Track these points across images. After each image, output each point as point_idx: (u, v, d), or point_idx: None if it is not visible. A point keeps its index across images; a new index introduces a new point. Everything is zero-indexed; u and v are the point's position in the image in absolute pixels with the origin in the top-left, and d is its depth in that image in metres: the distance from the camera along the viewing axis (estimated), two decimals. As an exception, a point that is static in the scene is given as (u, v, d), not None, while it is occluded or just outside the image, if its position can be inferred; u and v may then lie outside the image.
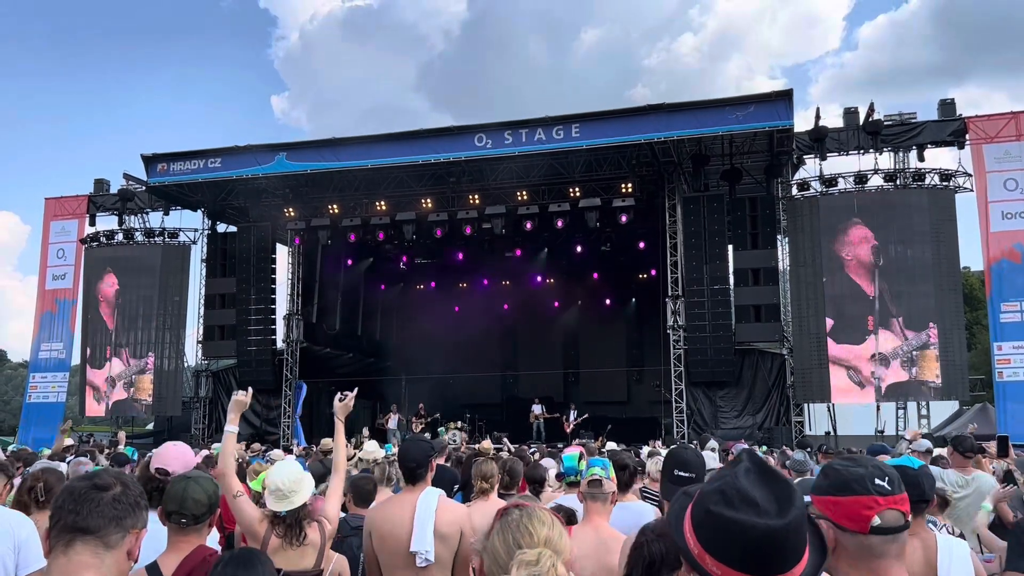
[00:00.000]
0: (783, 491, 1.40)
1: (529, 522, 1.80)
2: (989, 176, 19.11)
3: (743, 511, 1.37)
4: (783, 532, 1.36)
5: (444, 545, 3.98)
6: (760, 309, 20.43)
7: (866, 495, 1.87)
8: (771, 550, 1.36)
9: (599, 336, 29.14)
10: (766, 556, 1.36)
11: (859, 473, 1.90)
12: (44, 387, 24.89)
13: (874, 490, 1.87)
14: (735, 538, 1.37)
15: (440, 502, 4.10)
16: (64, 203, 25.78)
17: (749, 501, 1.38)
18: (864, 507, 1.86)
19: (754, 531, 1.35)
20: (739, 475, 1.44)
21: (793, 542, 1.38)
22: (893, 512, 1.87)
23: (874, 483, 1.88)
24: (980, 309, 30.21)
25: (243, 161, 21.67)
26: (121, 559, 2.03)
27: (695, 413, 20.44)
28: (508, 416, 27.11)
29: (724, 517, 1.38)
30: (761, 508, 1.37)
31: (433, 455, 4.37)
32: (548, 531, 1.79)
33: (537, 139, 19.53)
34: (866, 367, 19.13)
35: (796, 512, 1.38)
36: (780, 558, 1.37)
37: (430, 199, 22.19)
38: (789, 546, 1.37)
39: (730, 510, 1.38)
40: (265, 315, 23.88)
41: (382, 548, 4.10)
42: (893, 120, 20.06)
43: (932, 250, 19.01)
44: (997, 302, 18.94)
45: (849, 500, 1.89)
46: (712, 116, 18.75)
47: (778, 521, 1.36)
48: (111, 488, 2.06)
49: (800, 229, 20.17)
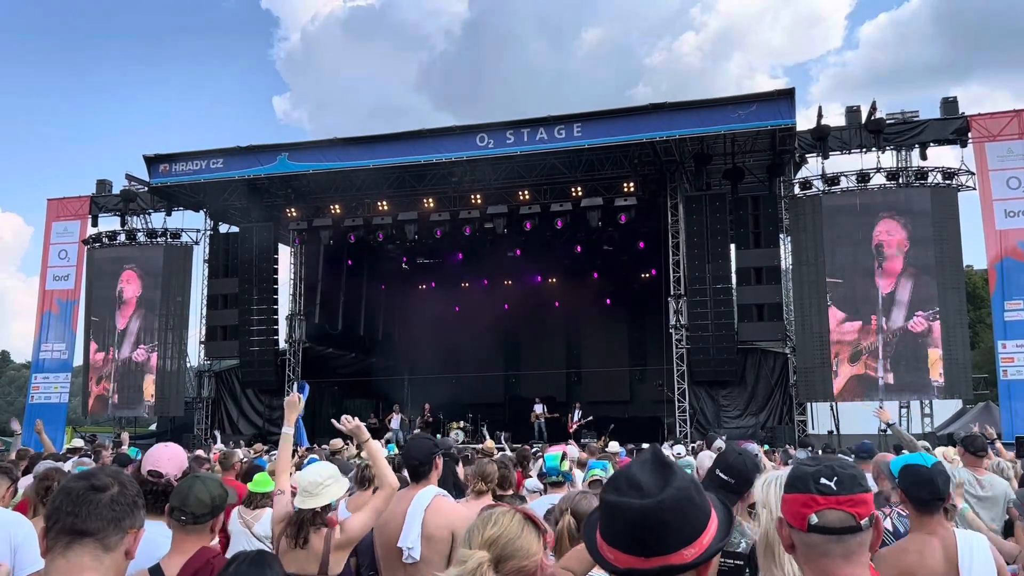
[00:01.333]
0: (666, 475, 1.46)
1: (482, 524, 1.82)
2: (992, 174, 19.08)
3: (626, 494, 1.43)
4: (655, 511, 1.40)
5: (430, 546, 3.95)
6: (763, 308, 20.41)
7: (805, 493, 1.86)
8: (647, 529, 1.41)
9: (601, 335, 29.10)
10: (642, 535, 1.41)
11: (805, 471, 1.90)
12: (46, 388, 24.91)
13: (815, 489, 1.85)
14: (617, 519, 1.44)
15: (433, 502, 4.08)
16: (66, 204, 25.81)
17: (634, 485, 1.44)
18: (802, 505, 1.86)
19: (629, 510, 1.41)
20: (633, 465, 1.51)
21: (671, 522, 1.42)
22: (836, 513, 1.84)
23: (818, 482, 1.86)
24: (983, 308, 30.18)
25: (245, 161, 21.70)
26: (120, 560, 2.03)
27: (698, 412, 20.42)
28: (510, 416, 27.08)
29: (608, 501, 1.46)
30: (644, 491, 1.43)
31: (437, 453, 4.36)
32: (498, 531, 1.79)
33: (539, 139, 19.53)
34: (869, 365, 19.10)
35: (670, 492, 1.43)
36: (658, 537, 1.41)
37: (432, 199, 22.18)
38: (667, 525, 1.42)
39: (615, 494, 1.45)
40: (267, 315, 23.88)
41: (380, 542, 4.17)
42: (895, 118, 20.01)
43: (935, 248, 18.98)
44: (1001, 300, 18.90)
45: (791, 497, 1.90)
46: (714, 115, 18.73)
47: (650, 500, 1.41)
48: (109, 488, 2.04)
49: (802, 228, 20.15)
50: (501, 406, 28.63)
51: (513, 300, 29.87)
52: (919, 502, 3.30)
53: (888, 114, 20.08)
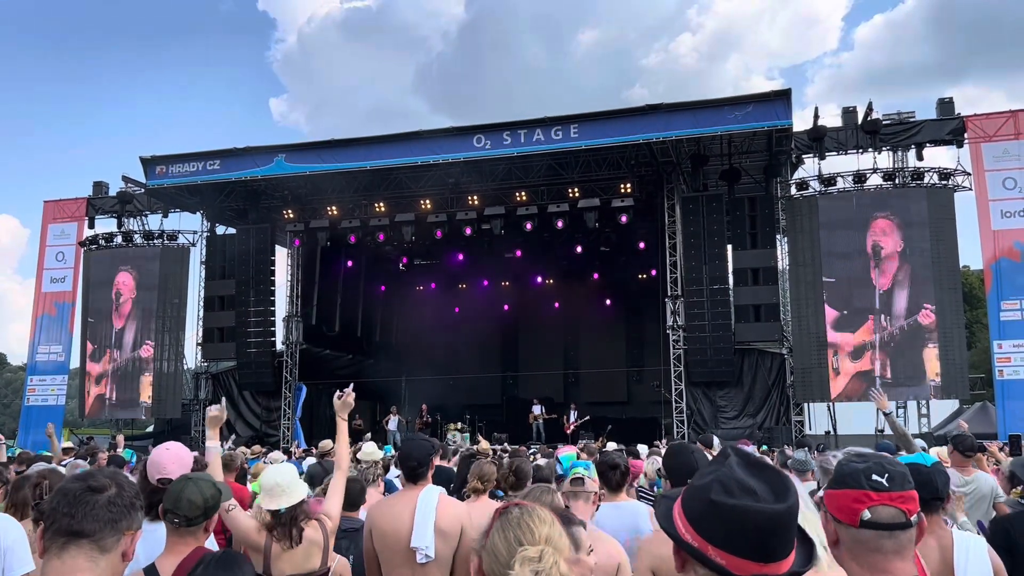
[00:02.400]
0: (777, 479, 1.45)
1: (530, 519, 1.80)
2: (988, 175, 19.10)
3: (743, 499, 1.41)
4: (785, 516, 1.40)
5: (444, 542, 3.98)
6: (759, 309, 20.40)
7: (858, 489, 1.88)
8: (773, 535, 1.40)
9: (599, 336, 29.11)
10: (769, 541, 1.40)
11: (856, 467, 1.92)
12: (43, 390, 24.87)
13: (868, 485, 1.88)
14: (739, 525, 1.40)
15: (441, 499, 4.11)
16: (63, 206, 25.77)
17: (747, 489, 1.42)
18: (855, 500, 1.87)
19: (759, 516, 1.39)
20: (733, 467, 1.48)
21: (792, 528, 1.43)
22: (888, 509, 1.87)
23: (870, 478, 1.89)
24: (980, 308, 30.22)
25: (242, 163, 21.67)
26: (116, 562, 2.02)
27: (695, 413, 20.42)
28: (508, 417, 27.10)
29: (727, 505, 1.42)
30: (759, 496, 1.41)
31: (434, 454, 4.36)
32: (549, 529, 1.79)
33: (536, 140, 19.52)
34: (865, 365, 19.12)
35: (793, 498, 1.43)
36: (781, 543, 1.41)
37: (429, 200, 22.16)
38: (788, 532, 1.42)
39: (732, 498, 1.42)
40: (264, 317, 23.84)
41: (383, 546, 4.11)
42: (891, 119, 20.04)
43: (931, 249, 19.00)
44: (997, 300, 18.93)
45: (841, 493, 1.91)
46: (711, 116, 18.74)
47: (780, 506, 1.40)
48: (106, 490, 2.03)
49: (799, 228, 20.16)
50: (499, 407, 28.63)
51: (511, 301, 29.89)
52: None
53: (884, 115, 20.13)
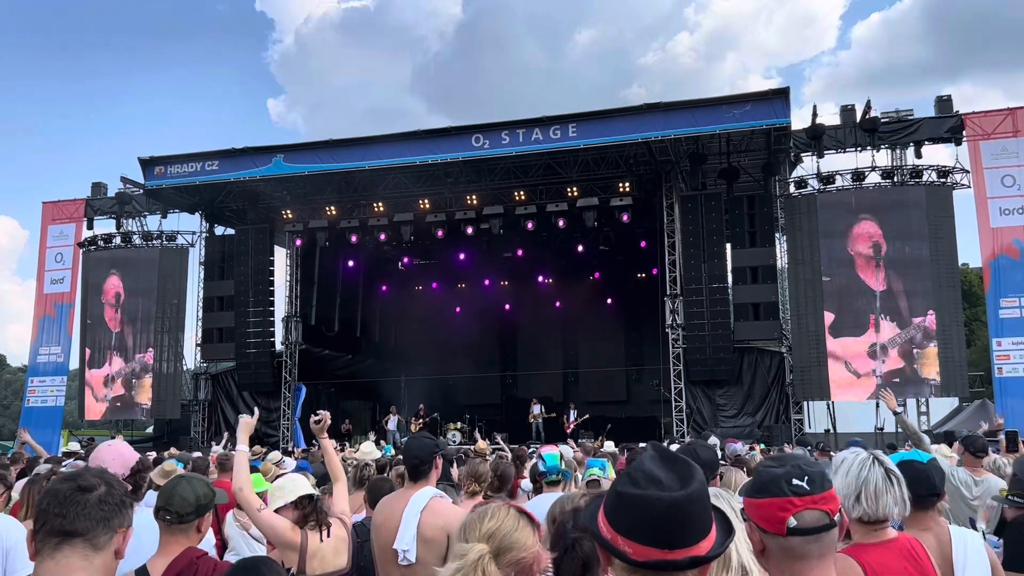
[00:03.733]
0: (684, 469, 1.47)
1: (479, 518, 1.81)
2: (987, 172, 19.10)
3: (648, 488, 1.44)
4: (684, 503, 1.42)
5: (428, 548, 3.91)
6: (759, 307, 20.42)
7: (781, 496, 1.84)
8: (675, 521, 1.42)
9: (598, 335, 29.11)
10: (670, 528, 1.42)
11: (776, 473, 1.87)
12: (43, 391, 24.86)
13: (790, 491, 1.84)
14: (642, 513, 1.43)
15: (430, 503, 4.02)
16: (62, 207, 25.75)
17: (653, 479, 1.45)
18: (779, 508, 1.83)
19: (659, 503, 1.42)
20: (645, 460, 1.51)
21: (697, 514, 1.44)
22: (813, 512, 1.84)
23: (791, 483, 1.85)
24: (979, 305, 30.23)
25: (240, 163, 21.67)
26: (109, 559, 2.03)
27: (694, 412, 20.43)
28: (507, 416, 27.11)
29: (630, 495, 1.45)
30: (664, 484, 1.44)
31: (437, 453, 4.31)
32: (495, 524, 1.79)
33: (534, 139, 19.53)
34: (865, 364, 19.13)
35: (696, 485, 1.45)
36: (685, 530, 1.43)
37: (428, 200, 22.16)
38: (693, 518, 1.43)
39: (636, 488, 1.45)
40: (264, 317, 23.85)
41: (377, 543, 4.12)
42: (890, 117, 20.03)
43: (930, 247, 19.00)
44: (996, 298, 18.93)
45: (765, 502, 1.87)
46: (709, 115, 18.75)
47: (680, 493, 1.42)
48: (95, 489, 2.04)
49: (798, 227, 20.15)
50: (498, 407, 28.64)
51: (510, 301, 29.91)
52: (915, 498, 3.29)
53: (883, 113, 20.11)
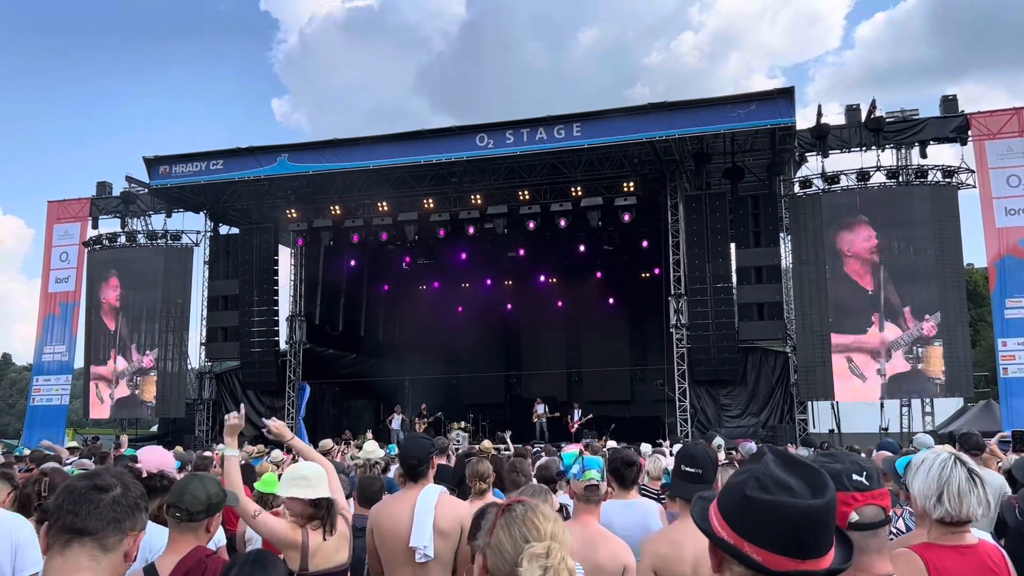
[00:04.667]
0: (814, 476, 1.44)
1: (535, 516, 1.80)
2: (992, 172, 19.07)
3: (779, 494, 1.40)
4: (822, 512, 1.39)
5: (444, 542, 3.98)
6: (763, 307, 20.40)
7: (844, 491, 1.85)
8: (810, 531, 1.39)
9: (602, 335, 29.08)
10: (806, 537, 1.39)
11: (836, 469, 1.89)
12: (47, 390, 24.93)
13: (851, 486, 1.87)
14: (775, 521, 1.39)
15: (441, 498, 4.10)
16: (67, 206, 25.82)
17: (784, 485, 1.41)
18: (842, 503, 1.83)
19: (795, 511, 1.38)
20: (769, 464, 1.47)
21: (830, 524, 1.41)
22: (872, 507, 1.87)
23: (851, 479, 1.88)
24: (984, 306, 30.15)
25: (245, 163, 21.68)
26: (117, 562, 2.02)
27: (698, 412, 20.39)
28: (511, 416, 27.06)
29: (762, 500, 1.41)
30: (796, 492, 1.40)
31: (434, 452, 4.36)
32: (553, 525, 1.79)
33: (539, 138, 19.51)
34: (870, 364, 19.09)
35: (831, 494, 1.42)
36: (818, 539, 1.40)
37: (432, 199, 22.15)
38: (826, 528, 1.41)
39: (768, 494, 1.41)
40: (268, 317, 23.87)
41: (382, 545, 4.12)
42: (895, 117, 19.99)
43: (935, 247, 18.96)
44: (1001, 298, 18.90)
45: None
46: (714, 114, 18.70)
47: (817, 501, 1.39)
48: (111, 489, 2.04)
49: (803, 227, 20.13)
50: (502, 406, 28.62)
51: (514, 300, 29.89)
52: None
53: (888, 112, 20.07)
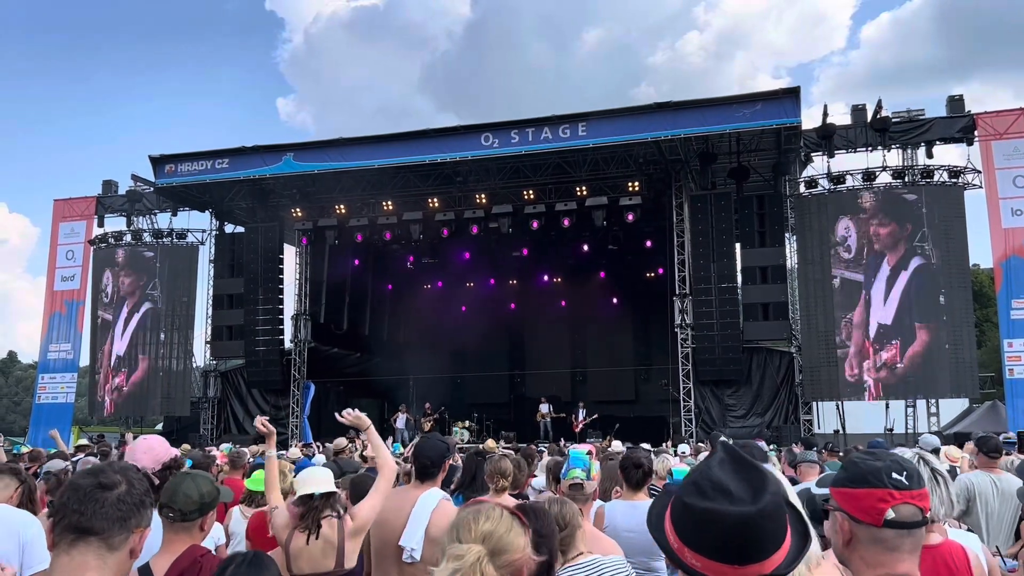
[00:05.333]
0: (756, 479, 1.41)
1: (473, 517, 1.79)
2: (998, 172, 19.01)
3: (716, 500, 1.38)
4: (756, 518, 1.36)
5: (433, 549, 3.90)
6: (768, 307, 20.36)
7: (881, 488, 1.86)
8: (745, 537, 1.36)
9: (606, 335, 29.06)
10: (740, 543, 1.36)
11: (876, 466, 1.89)
12: (53, 388, 24.99)
13: (890, 483, 1.86)
14: (709, 527, 1.38)
15: (440, 504, 4.06)
16: (72, 204, 25.87)
17: (722, 490, 1.39)
18: (879, 500, 1.85)
19: (728, 519, 1.36)
20: (712, 466, 1.45)
21: (769, 529, 1.38)
22: (909, 507, 1.86)
23: (891, 476, 1.87)
24: (990, 306, 30.05)
25: (250, 162, 21.72)
26: (123, 559, 2.02)
27: (703, 412, 20.37)
28: (516, 415, 27.08)
29: (698, 508, 1.39)
30: (734, 496, 1.37)
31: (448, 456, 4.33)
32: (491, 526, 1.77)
33: (543, 138, 19.50)
34: (875, 364, 19.04)
35: (769, 498, 1.38)
36: (755, 545, 1.37)
37: (437, 199, 22.16)
38: (764, 533, 1.37)
39: (703, 500, 1.39)
40: (273, 315, 23.90)
41: (375, 534, 4.11)
42: (901, 117, 19.94)
43: (941, 247, 18.91)
44: (1007, 299, 18.83)
45: (864, 492, 1.88)
46: (719, 114, 18.68)
47: (750, 508, 1.36)
48: (116, 487, 2.03)
49: (808, 226, 20.09)
50: (506, 405, 28.62)
51: (518, 299, 29.87)
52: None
53: (894, 112, 20.02)
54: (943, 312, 18.77)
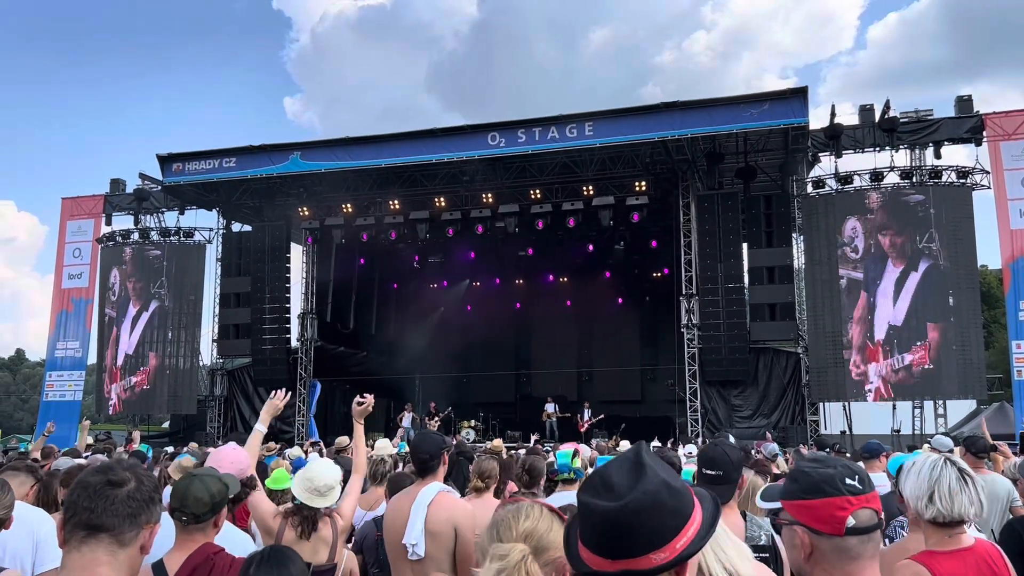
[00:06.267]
0: (636, 476, 1.41)
1: (514, 515, 1.79)
2: (1007, 173, 18.94)
3: (598, 495, 1.39)
4: (618, 514, 1.36)
5: (434, 542, 3.95)
6: (775, 308, 20.31)
7: (838, 496, 1.82)
8: (611, 532, 1.37)
9: (613, 335, 29.03)
10: (607, 538, 1.37)
11: (829, 474, 1.85)
12: (61, 385, 25.08)
13: (846, 490, 1.83)
14: (587, 521, 1.40)
15: (437, 498, 4.07)
16: (80, 203, 25.97)
17: (607, 485, 1.40)
18: (838, 508, 1.82)
19: (595, 512, 1.38)
20: (612, 463, 1.46)
21: (636, 526, 1.36)
22: (866, 511, 1.83)
23: (845, 483, 1.83)
24: (998, 307, 29.97)
25: (257, 161, 21.76)
26: (134, 555, 2.05)
27: (709, 412, 20.34)
28: (521, 415, 27.08)
29: (580, 500, 1.42)
30: (615, 492, 1.38)
31: (445, 448, 4.36)
32: (532, 524, 1.77)
33: (550, 137, 19.49)
34: (882, 365, 18.99)
35: (636, 495, 1.37)
36: (622, 541, 1.37)
37: (443, 198, 22.19)
38: (632, 529, 1.36)
39: (586, 494, 1.41)
40: (279, 314, 23.93)
41: (387, 540, 4.19)
42: (909, 117, 19.86)
43: (949, 248, 18.84)
44: (1015, 300, 18.78)
45: (822, 502, 1.84)
46: (726, 114, 18.64)
47: (614, 503, 1.36)
48: (125, 484, 2.06)
49: (815, 227, 20.05)
50: (512, 405, 28.62)
51: (524, 299, 29.87)
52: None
53: (902, 113, 19.94)
54: (951, 313, 18.70)
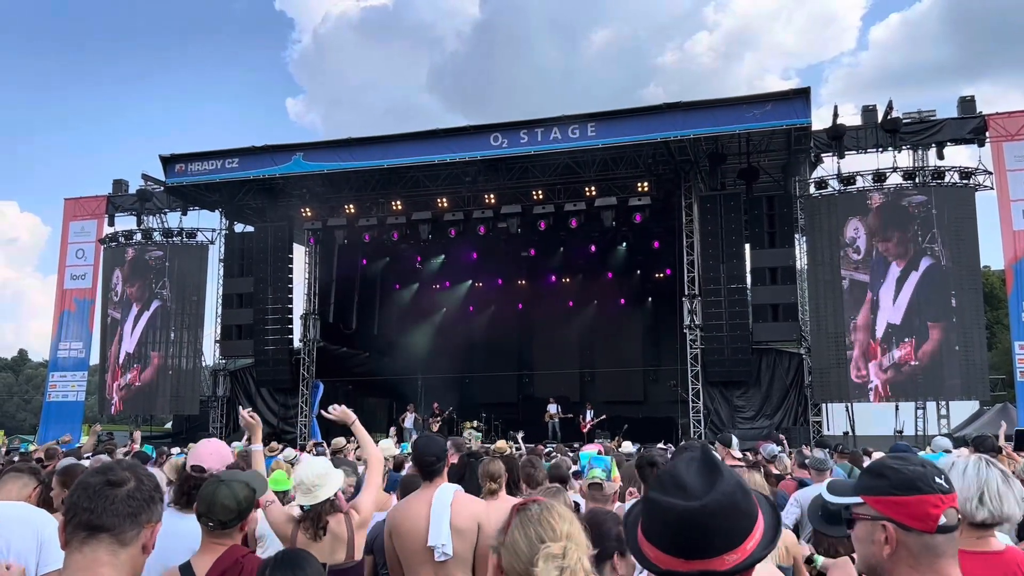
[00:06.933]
0: (712, 477, 1.43)
1: (550, 516, 1.80)
2: (1009, 174, 18.92)
3: (671, 494, 1.41)
4: (697, 514, 1.38)
5: (461, 540, 3.99)
6: (778, 308, 20.30)
7: (932, 494, 1.84)
8: (687, 532, 1.39)
9: (615, 335, 29.01)
10: (683, 538, 1.39)
11: (920, 471, 1.87)
12: (63, 386, 25.10)
13: (937, 488, 1.85)
14: (659, 520, 1.42)
15: (456, 496, 4.12)
16: (83, 203, 25.99)
17: (680, 485, 1.42)
18: (931, 506, 1.83)
19: (672, 512, 1.40)
20: (679, 463, 1.48)
21: (713, 526, 1.39)
22: (952, 511, 1.86)
23: (935, 482, 1.86)
24: (1001, 308, 29.93)
25: (260, 161, 21.78)
26: (136, 554, 2.05)
27: (712, 413, 20.33)
28: (524, 415, 27.06)
29: (652, 500, 1.44)
30: (689, 492, 1.40)
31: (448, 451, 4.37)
32: (569, 526, 1.79)
33: (553, 138, 19.49)
34: (884, 366, 18.97)
35: (716, 496, 1.40)
36: (699, 541, 1.39)
37: (446, 199, 22.19)
38: (709, 530, 1.39)
39: (660, 493, 1.43)
40: (282, 314, 23.94)
41: (402, 546, 4.13)
42: (912, 118, 19.84)
43: (952, 249, 18.83)
44: (1018, 301, 18.76)
45: (916, 499, 1.85)
46: (729, 114, 18.63)
47: (695, 503, 1.39)
48: (125, 484, 2.06)
49: (818, 227, 20.03)
50: (514, 406, 28.61)
51: (527, 300, 29.88)
52: None
53: (904, 113, 19.92)
54: (953, 314, 18.69)
